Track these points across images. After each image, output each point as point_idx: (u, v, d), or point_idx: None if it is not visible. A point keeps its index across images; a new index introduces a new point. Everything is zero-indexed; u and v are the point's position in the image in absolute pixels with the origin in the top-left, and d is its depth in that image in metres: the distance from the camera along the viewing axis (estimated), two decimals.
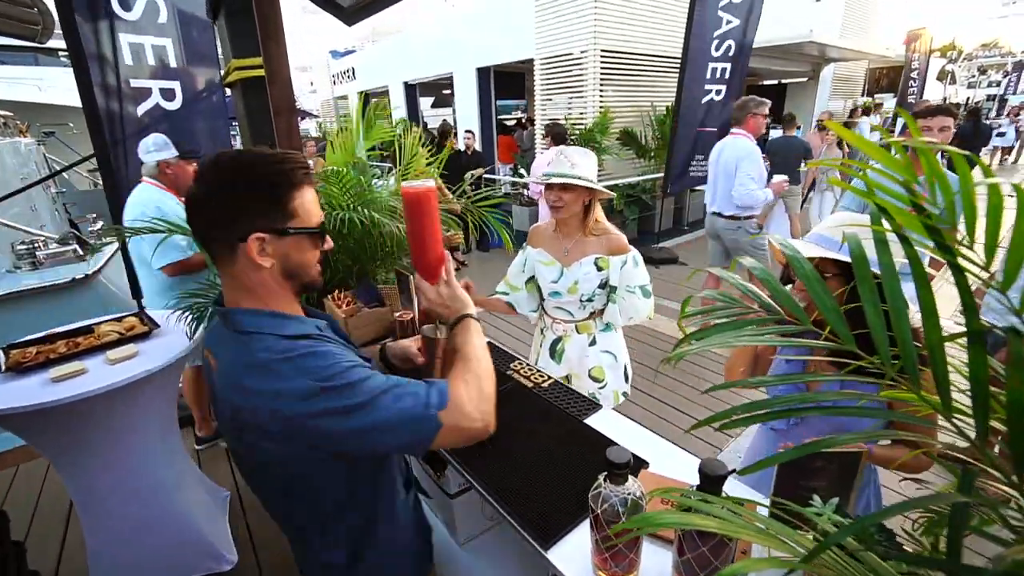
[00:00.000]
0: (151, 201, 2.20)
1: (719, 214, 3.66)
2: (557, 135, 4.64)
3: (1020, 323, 0.41)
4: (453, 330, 0.92)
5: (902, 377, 0.49)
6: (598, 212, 1.74)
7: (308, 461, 0.79)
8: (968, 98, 22.60)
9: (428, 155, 2.17)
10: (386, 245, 1.91)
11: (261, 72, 2.19)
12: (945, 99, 19.41)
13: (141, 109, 2.26)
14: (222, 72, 2.85)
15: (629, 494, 0.75)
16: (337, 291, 1.86)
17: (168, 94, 2.34)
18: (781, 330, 0.57)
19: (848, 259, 0.55)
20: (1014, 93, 23.53)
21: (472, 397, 0.78)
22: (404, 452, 0.98)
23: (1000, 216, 0.39)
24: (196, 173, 0.78)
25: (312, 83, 22.43)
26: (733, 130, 3.55)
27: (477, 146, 8.27)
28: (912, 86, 10.76)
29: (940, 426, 0.49)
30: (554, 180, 1.60)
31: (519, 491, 1.06)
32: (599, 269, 1.72)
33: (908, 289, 0.47)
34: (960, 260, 0.42)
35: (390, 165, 2.54)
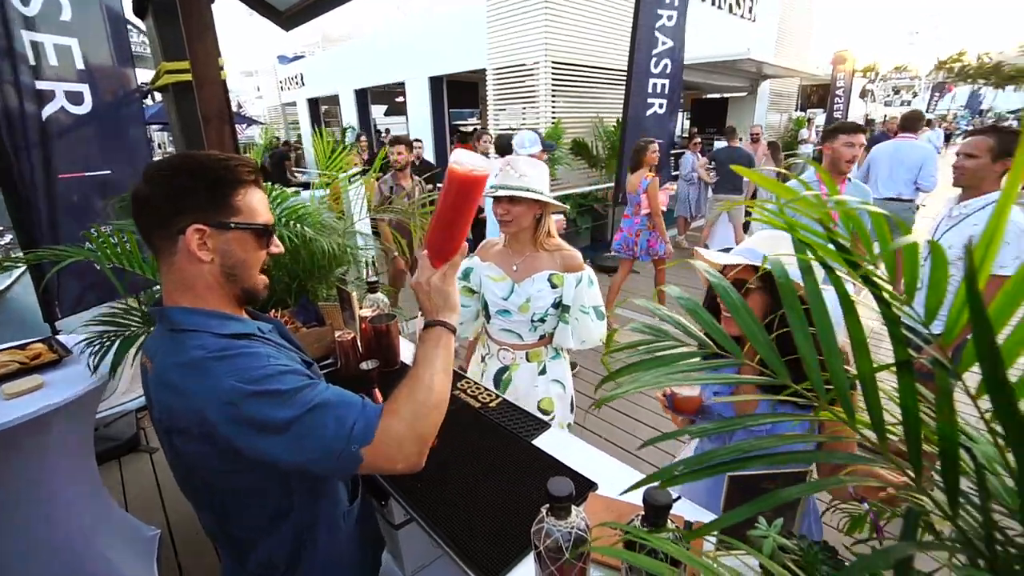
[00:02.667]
0: None
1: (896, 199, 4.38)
2: (501, 146, 4.64)
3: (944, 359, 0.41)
4: (423, 332, 0.85)
5: (836, 409, 0.48)
6: (551, 225, 1.65)
7: (238, 467, 0.75)
8: (885, 115, 24.83)
9: (362, 163, 2.12)
10: (320, 260, 1.81)
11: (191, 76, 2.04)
12: (866, 115, 21.13)
13: (45, 112, 2.05)
14: (152, 75, 2.66)
15: (572, 528, 0.72)
16: (274, 310, 1.75)
17: (75, 97, 2.14)
18: (715, 365, 0.56)
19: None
20: (928, 110, 25.96)
21: (401, 437, 0.73)
22: (325, 476, 0.92)
23: (917, 258, 0.40)
24: (143, 173, 0.77)
25: (259, 88, 21.56)
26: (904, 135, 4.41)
27: (429, 155, 8.19)
28: (838, 103, 11.59)
29: (874, 458, 0.48)
30: (501, 193, 1.52)
31: (463, 521, 1.00)
32: (553, 286, 1.61)
33: (829, 295, 0.47)
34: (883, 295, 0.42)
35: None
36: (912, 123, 4.46)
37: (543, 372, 1.71)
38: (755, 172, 0.50)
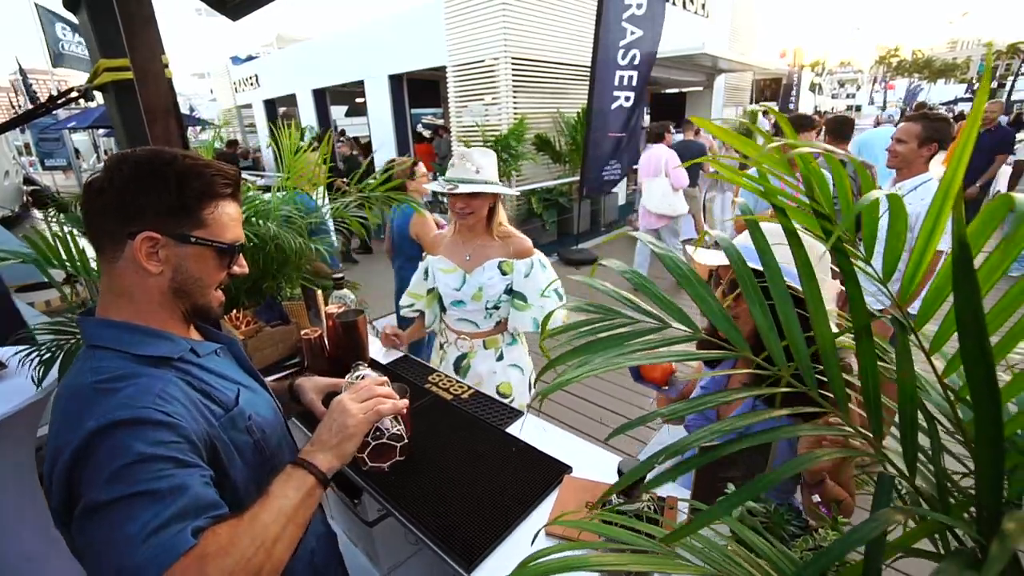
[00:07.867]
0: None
1: None
2: (655, 133, 4.50)
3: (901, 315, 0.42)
4: (293, 469, 0.70)
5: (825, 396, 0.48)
6: (501, 214, 1.67)
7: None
8: (832, 107, 26.05)
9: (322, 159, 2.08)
10: (282, 255, 1.75)
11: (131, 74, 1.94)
12: (816, 107, 22.15)
13: None
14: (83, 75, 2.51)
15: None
16: (234, 311, 1.67)
17: None
18: (671, 340, 0.52)
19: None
20: (870, 102, 27.39)
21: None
22: None
23: (877, 217, 0.41)
24: (106, 163, 0.70)
25: (212, 91, 20.69)
26: None
27: (392, 156, 8.08)
28: (792, 96, 12.10)
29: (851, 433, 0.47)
30: (463, 189, 1.52)
31: (440, 511, 0.99)
32: (503, 273, 1.64)
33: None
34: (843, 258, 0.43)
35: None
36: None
37: (500, 358, 1.74)
38: (708, 122, 0.50)
